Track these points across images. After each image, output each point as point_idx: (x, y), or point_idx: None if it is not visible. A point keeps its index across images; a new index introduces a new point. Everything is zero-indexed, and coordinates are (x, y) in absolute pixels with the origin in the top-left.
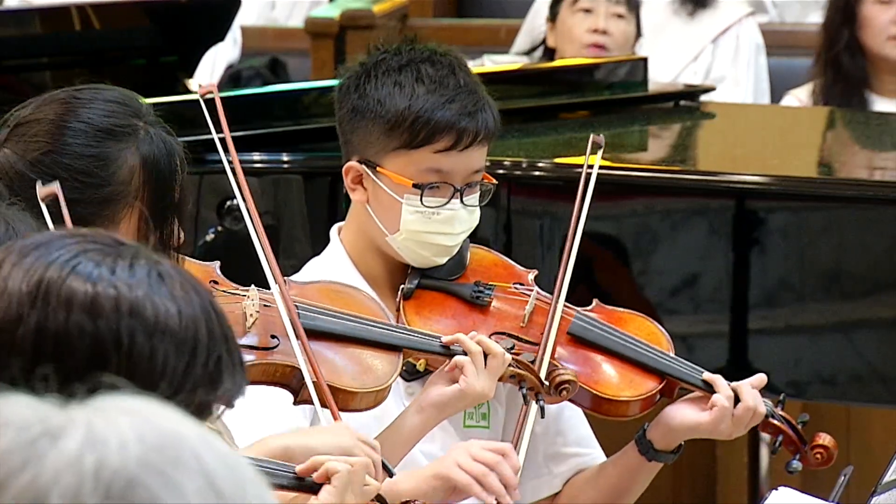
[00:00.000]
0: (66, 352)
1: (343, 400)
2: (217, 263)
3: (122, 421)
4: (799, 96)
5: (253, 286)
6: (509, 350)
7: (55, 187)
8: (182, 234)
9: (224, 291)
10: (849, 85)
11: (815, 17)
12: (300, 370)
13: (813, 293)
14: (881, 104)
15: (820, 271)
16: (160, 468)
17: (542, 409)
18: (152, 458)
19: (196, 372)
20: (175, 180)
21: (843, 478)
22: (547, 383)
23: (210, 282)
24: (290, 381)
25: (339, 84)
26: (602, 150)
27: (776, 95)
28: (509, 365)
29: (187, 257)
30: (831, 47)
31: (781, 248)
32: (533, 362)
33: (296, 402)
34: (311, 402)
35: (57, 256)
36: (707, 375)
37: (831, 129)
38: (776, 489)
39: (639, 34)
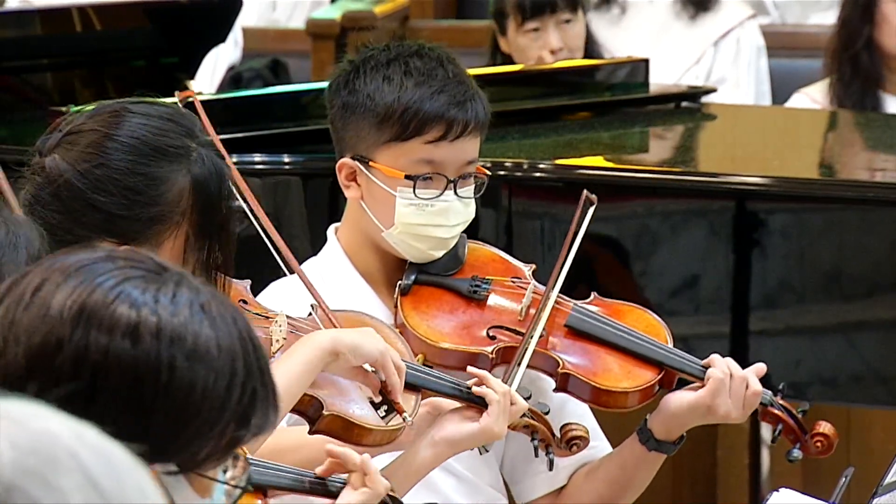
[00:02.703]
0: (105, 379)
1: (358, 435)
2: (248, 282)
3: None
4: (812, 94)
5: (282, 311)
6: (526, 399)
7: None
8: (222, 257)
9: (252, 313)
10: (865, 83)
11: (816, 18)
12: (319, 400)
13: (813, 294)
14: (893, 103)
15: (820, 272)
16: (37, 471)
17: (550, 462)
18: (28, 462)
19: (231, 405)
20: (222, 203)
21: (843, 479)
22: (559, 436)
23: (239, 300)
24: (307, 409)
25: (329, 83)
26: (594, 207)
27: (777, 96)
28: (523, 415)
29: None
30: (850, 45)
31: (782, 249)
32: (547, 413)
33: (311, 432)
34: (328, 434)
35: (101, 281)
36: (709, 359)
37: (832, 130)
38: (777, 490)
39: (584, 11)
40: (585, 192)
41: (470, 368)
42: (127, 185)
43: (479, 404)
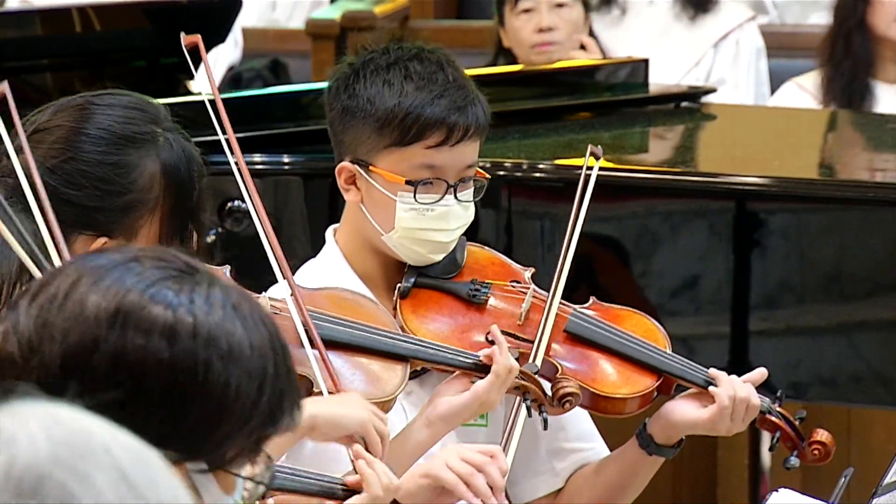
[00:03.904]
0: (142, 379)
1: None
2: (227, 268)
3: (30, 420)
4: (802, 84)
5: (263, 294)
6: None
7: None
8: (197, 241)
9: None
10: (856, 66)
11: (815, 18)
12: (308, 379)
13: (813, 295)
14: (884, 90)
15: (820, 273)
16: (70, 463)
17: (545, 422)
18: (62, 454)
19: (262, 405)
20: (194, 186)
21: (843, 479)
22: (550, 395)
23: None
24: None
25: (329, 85)
26: (600, 161)
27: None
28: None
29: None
30: (843, 25)
31: (782, 249)
32: (534, 359)
33: None
34: None
35: (136, 281)
36: (712, 371)
37: (832, 130)
38: (777, 490)
39: (587, 10)
40: (591, 146)
41: (494, 331)
42: (98, 176)
43: (472, 371)
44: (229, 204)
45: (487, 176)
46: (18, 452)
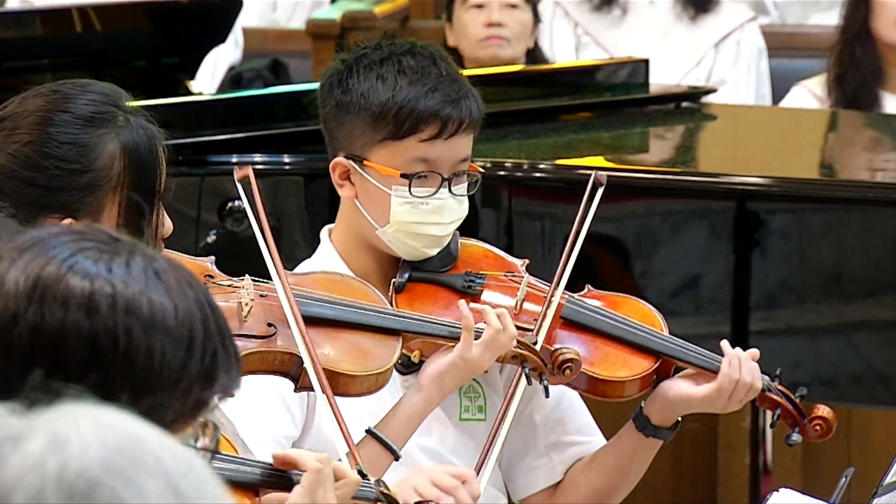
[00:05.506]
0: (63, 351)
1: (344, 385)
2: (212, 258)
3: (83, 425)
4: (810, 87)
5: (247, 276)
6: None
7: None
8: (170, 223)
9: (219, 284)
10: (861, 74)
11: (816, 18)
12: (299, 357)
13: (814, 295)
14: (891, 101)
15: (821, 273)
16: (121, 470)
17: (546, 389)
18: (114, 461)
19: (192, 368)
20: (158, 167)
21: (844, 479)
22: (550, 363)
23: (205, 276)
24: (289, 368)
25: (322, 82)
26: (603, 188)
27: (777, 97)
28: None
29: (181, 254)
30: (847, 33)
31: (782, 249)
32: (535, 344)
33: (296, 390)
34: (312, 389)
35: (54, 254)
36: (721, 343)
37: (832, 130)
38: (777, 490)
39: (536, 21)
40: (594, 172)
41: (471, 306)
42: (59, 156)
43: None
44: (230, 204)
45: (481, 170)
46: (71, 456)
